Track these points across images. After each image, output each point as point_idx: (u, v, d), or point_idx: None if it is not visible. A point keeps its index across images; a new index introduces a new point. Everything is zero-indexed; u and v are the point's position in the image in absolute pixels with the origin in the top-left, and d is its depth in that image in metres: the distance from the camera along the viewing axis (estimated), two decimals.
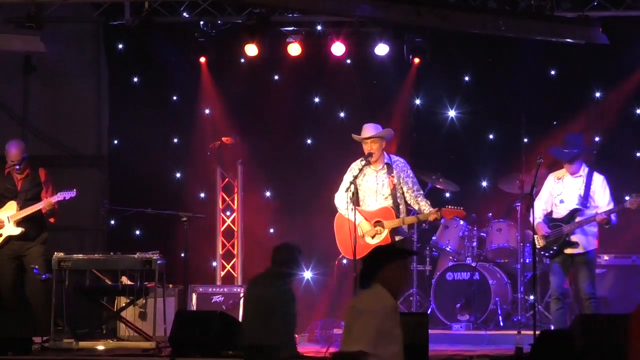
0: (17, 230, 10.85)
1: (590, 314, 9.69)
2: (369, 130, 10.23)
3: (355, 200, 10.10)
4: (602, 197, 10.07)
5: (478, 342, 10.80)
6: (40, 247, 10.89)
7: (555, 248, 10.01)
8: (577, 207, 10.05)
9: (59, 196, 10.76)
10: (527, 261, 11.65)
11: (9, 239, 10.88)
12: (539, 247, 10.11)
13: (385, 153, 10.29)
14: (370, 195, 10.21)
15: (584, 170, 10.16)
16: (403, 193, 10.22)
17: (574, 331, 8.56)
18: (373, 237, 10.12)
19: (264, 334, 8.05)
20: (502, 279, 11.97)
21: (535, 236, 10.10)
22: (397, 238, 10.17)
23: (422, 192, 10.34)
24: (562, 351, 6.68)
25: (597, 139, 12.37)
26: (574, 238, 9.98)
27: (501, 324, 11.67)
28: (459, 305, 11.54)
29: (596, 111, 12.42)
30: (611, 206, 10.01)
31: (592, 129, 12.32)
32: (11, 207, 10.89)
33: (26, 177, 10.99)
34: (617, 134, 12.37)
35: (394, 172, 10.22)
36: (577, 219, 10.00)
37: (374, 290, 6.45)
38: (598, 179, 10.13)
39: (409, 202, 10.24)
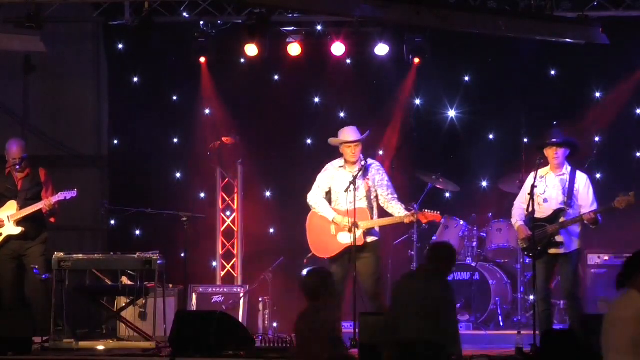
0: (17, 230, 10.86)
1: (590, 314, 9.68)
2: (352, 134, 10.23)
3: (328, 199, 10.16)
4: (586, 197, 9.92)
5: (478, 342, 10.79)
6: (40, 247, 10.89)
7: (539, 248, 9.84)
8: (562, 207, 9.93)
9: (60, 196, 10.77)
10: (527, 261, 11.65)
11: (9, 238, 10.88)
12: (522, 248, 10.09)
13: (361, 156, 10.29)
14: (343, 196, 10.17)
15: (567, 169, 10.03)
16: (377, 196, 10.22)
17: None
18: (349, 229, 10.09)
19: (431, 331, 8.06)
20: (502, 279, 11.97)
21: (518, 238, 10.07)
22: (369, 239, 10.16)
23: (395, 195, 10.28)
24: (567, 350, 6.69)
25: (597, 139, 12.38)
26: (558, 238, 9.84)
27: (501, 324, 11.68)
28: (459, 305, 11.52)
29: (596, 111, 12.42)
30: (595, 206, 9.87)
31: (592, 129, 12.33)
32: (11, 206, 10.89)
33: (26, 176, 10.99)
34: (617, 134, 12.37)
35: (369, 174, 10.21)
36: (562, 219, 9.86)
37: (627, 295, 6.30)
38: (582, 178, 10.00)
39: (382, 204, 10.23)
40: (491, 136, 12.70)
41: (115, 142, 13.29)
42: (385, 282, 11.10)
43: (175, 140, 13.19)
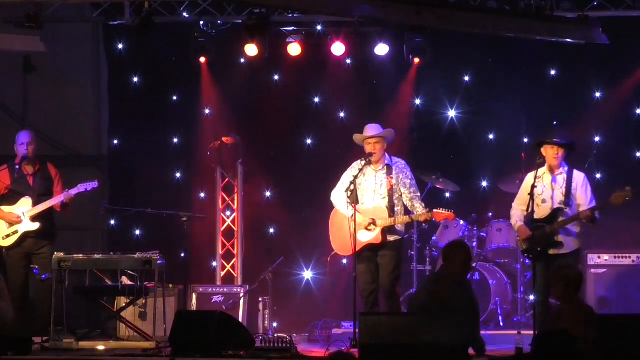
0: (35, 226, 10.77)
1: None
2: (371, 130, 10.26)
3: (354, 199, 10.12)
4: (584, 195, 9.91)
5: None
6: (51, 248, 10.79)
7: (539, 249, 9.83)
8: (560, 206, 9.91)
9: (80, 188, 10.76)
10: (527, 261, 11.65)
11: (26, 235, 10.82)
12: (522, 249, 10.07)
13: (387, 154, 10.30)
14: (369, 194, 10.23)
15: (564, 169, 10.03)
16: (401, 194, 10.23)
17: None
18: (366, 229, 10.09)
19: (454, 333, 8.05)
20: (502, 279, 11.98)
21: (518, 239, 10.06)
22: (391, 238, 10.16)
23: (419, 194, 10.33)
24: (563, 351, 6.69)
25: (597, 139, 12.39)
26: (557, 238, 9.83)
27: (501, 324, 11.68)
28: None
29: (596, 111, 12.43)
30: (593, 204, 9.86)
31: (592, 129, 12.33)
32: (26, 203, 10.83)
33: (37, 172, 10.96)
34: (617, 134, 12.37)
35: (394, 173, 10.23)
36: (561, 219, 9.85)
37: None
38: (579, 177, 9.99)
39: (405, 203, 10.24)
40: (491, 136, 12.70)
41: (115, 142, 13.28)
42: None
43: (175, 140, 13.19)
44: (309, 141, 13.03)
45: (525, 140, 12.09)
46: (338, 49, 12.43)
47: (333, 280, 12.29)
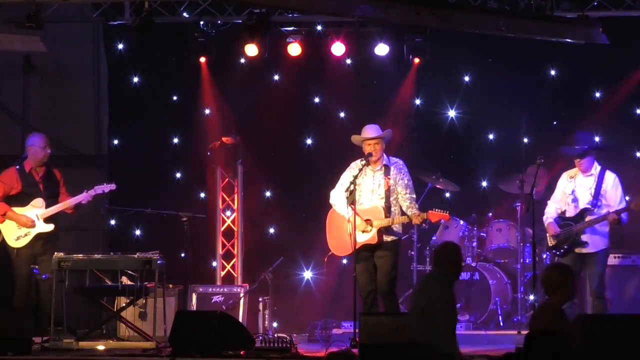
0: (50, 227, 10.79)
1: (589, 314, 9.69)
2: (371, 131, 10.24)
3: (352, 199, 10.12)
4: (613, 196, 10.12)
5: (478, 342, 10.79)
6: (54, 248, 10.83)
7: (565, 247, 10.10)
8: (587, 206, 10.11)
9: (97, 189, 10.84)
10: (527, 261, 11.66)
11: (38, 237, 10.83)
12: (550, 245, 10.24)
13: (385, 155, 10.29)
14: (367, 194, 10.21)
15: (595, 169, 10.22)
16: (397, 195, 10.22)
17: (573, 331, 8.54)
18: (362, 232, 10.10)
19: (423, 332, 8.07)
20: (502, 279, 11.98)
21: (547, 235, 10.21)
22: (388, 238, 10.15)
23: (414, 196, 10.30)
24: (554, 351, 6.67)
25: (597, 139, 12.38)
26: (584, 237, 10.05)
27: (501, 324, 11.68)
28: (459, 305, 11.52)
29: (596, 111, 12.43)
30: (622, 205, 10.05)
31: (592, 129, 12.33)
32: (38, 204, 10.84)
33: (44, 175, 10.98)
34: (617, 134, 12.37)
35: (391, 173, 10.22)
36: (587, 218, 10.07)
37: None
38: (610, 178, 10.18)
39: (401, 204, 10.23)
40: (491, 136, 12.70)
41: (115, 142, 13.29)
42: None
43: (175, 140, 13.19)
44: (309, 141, 13.03)
45: (525, 140, 12.10)
46: (338, 49, 12.44)
47: (333, 280, 12.29)
